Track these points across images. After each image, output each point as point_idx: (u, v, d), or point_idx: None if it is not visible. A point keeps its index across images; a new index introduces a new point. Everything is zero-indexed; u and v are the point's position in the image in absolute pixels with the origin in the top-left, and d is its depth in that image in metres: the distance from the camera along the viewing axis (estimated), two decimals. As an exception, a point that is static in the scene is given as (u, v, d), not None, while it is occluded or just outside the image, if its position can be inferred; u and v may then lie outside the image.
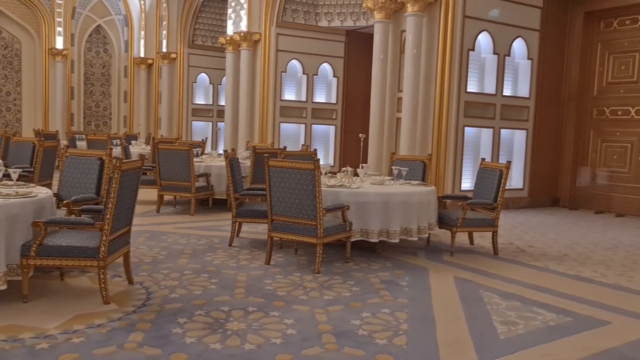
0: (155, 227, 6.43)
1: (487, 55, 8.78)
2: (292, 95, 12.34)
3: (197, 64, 15.73)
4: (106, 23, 17.49)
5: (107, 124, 17.92)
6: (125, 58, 17.75)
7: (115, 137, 11.93)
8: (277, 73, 11.99)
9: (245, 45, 12.08)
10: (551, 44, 9.32)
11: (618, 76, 9.13)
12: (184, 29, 15.54)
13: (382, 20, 8.82)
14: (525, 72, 9.19)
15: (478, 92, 8.71)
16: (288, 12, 12.03)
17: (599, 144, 9.42)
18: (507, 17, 8.72)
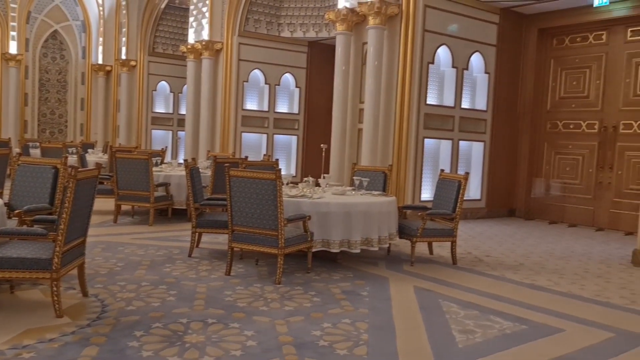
0: (112, 238, 6.27)
1: (446, 68, 8.98)
2: (254, 105, 12.30)
3: (158, 71, 15.51)
4: (63, 28, 17.06)
5: (62, 132, 17.43)
6: (83, 64, 17.34)
7: (71, 146, 11.62)
8: (239, 82, 11.94)
9: (207, 54, 12.00)
10: (507, 59, 9.61)
11: (570, 91, 9.47)
12: (144, 36, 15.31)
13: (344, 32, 8.91)
14: (482, 86, 9.43)
15: (437, 104, 8.88)
16: (250, 22, 12.02)
17: (552, 156, 9.73)
18: (465, 32, 8.95)
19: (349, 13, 8.73)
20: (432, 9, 8.43)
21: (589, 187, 9.16)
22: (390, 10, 8.33)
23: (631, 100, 8.66)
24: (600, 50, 9.08)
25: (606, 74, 8.97)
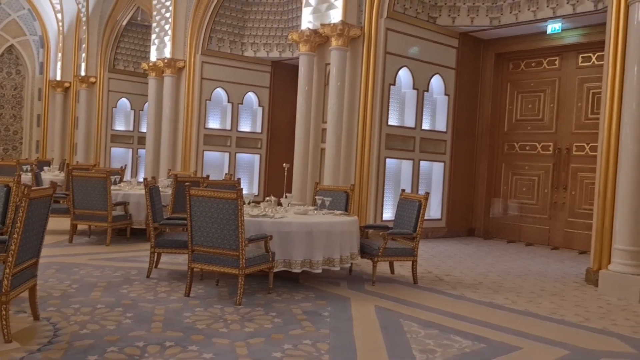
0: (67, 259, 6.08)
1: (407, 90, 9.15)
2: (216, 123, 12.23)
3: (118, 88, 15.27)
4: (20, 43, 16.66)
5: (17, 149, 16.91)
6: (40, 80, 16.94)
7: (26, 163, 11.27)
8: (201, 101, 11.87)
9: (169, 72, 11.90)
10: (466, 82, 9.86)
11: (526, 114, 9.77)
12: (104, 53, 15.08)
13: (307, 53, 8.99)
14: (442, 107, 9.64)
15: (399, 125, 9.02)
16: (214, 41, 12.01)
17: (510, 177, 9.98)
18: (426, 55, 9.16)
19: (312, 34, 8.82)
20: (393, 32, 8.60)
21: (545, 207, 9.42)
22: (353, 33, 8.47)
23: (583, 124, 8.99)
24: (553, 75, 9.43)
25: (559, 98, 9.31)
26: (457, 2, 9.17)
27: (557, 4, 8.28)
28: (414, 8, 8.89)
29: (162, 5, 12.15)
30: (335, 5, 8.58)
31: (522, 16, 8.72)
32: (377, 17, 8.43)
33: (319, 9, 8.81)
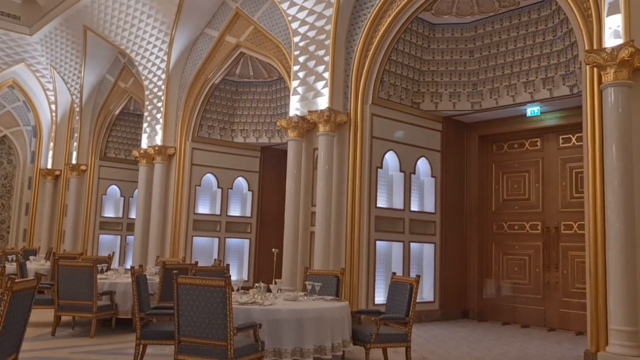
0: (49, 353, 5.84)
1: (395, 172, 9.30)
2: (206, 208, 12.26)
3: (108, 176, 15.38)
4: (13, 134, 16.93)
5: (3, 238, 16.70)
6: (31, 169, 17.05)
7: (11, 252, 11.10)
8: (191, 186, 11.96)
9: (160, 158, 12.06)
10: (452, 163, 10.06)
11: (512, 194, 9.91)
12: (96, 141, 15.32)
13: (296, 139, 9.20)
14: (430, 189, 9.76)
15: (387, 207, 9.09)
16: (204, 128, 12.29)
17: (500, 257, 9.95)
18: (411, 138, 9.40)
19: (300, 121, 9.07)
20: (378, 117, 8.88)
21: (538, 287, 9.33)
22: (339, 119, 8.72)
23: (569, 202, 9.11)
24: (536, 156, 9.66)
25: (544, 178, 9.49)
26: (439, 88, 9.55)
27: (534, 89, 8.65)
28: (397, 94, 9.23)
29: (154, 95, 12.52)
30: (322, 93, 8.90)
31: (501, 100, 9.07)
32: (362, 103, 8.72)
33: (306, 96, 9.12)
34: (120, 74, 14.54)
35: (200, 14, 11.53)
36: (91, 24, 13.40)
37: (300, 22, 9.24)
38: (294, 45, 9.35)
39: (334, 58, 8.77)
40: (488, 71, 9.21)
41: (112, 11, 12.53)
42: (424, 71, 9.52)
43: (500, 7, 8.73)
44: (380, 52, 8.67)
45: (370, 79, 8.73)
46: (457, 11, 8.95)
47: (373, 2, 8.62)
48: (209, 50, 11.64)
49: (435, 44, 9.49)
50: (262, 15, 10.44)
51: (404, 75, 9.28)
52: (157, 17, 11.78)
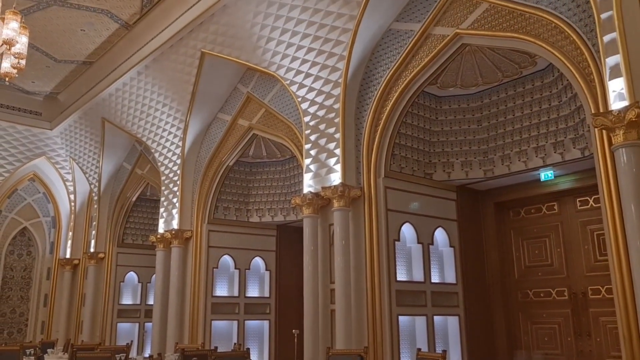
0: None
1: (412, 244, 9.20)
2: (224, 291, 12.12)
3: (126, 262, 15.40)
4: (32, 225, 17.20)
5: (22, 332, 16.55)
6: (50, 260, 17.16)
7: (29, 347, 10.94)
8: (208, 269, 11.90)
9: (177, 242, 12.09)
10: (469, 232, 9.95)
11: (534, 260, 9.70)
12: (114, 228, 15.48)
13: (311, 216, 9.21)
14: (449, 259, 9.60)
15: (408, 280, 8.92)
16: (220, 209, 12.40)
17: (529, 326, 9.59)
18: (427, 209, 9.37)
19: (314, 197, 9.12)
20: (392, 189, 8.90)
21: (571, 356, 8.91)
22: (353, 193, 8.76)
23: (594, 266, 8.88)
24: (554, 220, 9.54)
25: (565, 242, 9.31)
26: (450, 158, 9.62)
27: (545, 154, 8.68)
28: (409, 166, 9.31)
29: (170, 180, 12.76)
30: (334, 169, 9.01)
31: (514, 167, 9.09)
32: (375, 177, 8.79)
33: (319, 173, 9.23)
34: (137, 161, 14.90)
35: (213, 100, 11.95)
36: (109, 115, 13.94)
37: (310, 102, 9.52)
38: (305, 124, 9.58)
39: (344, 135, 8.94)
40: (498, 139, 9.30)
41: (129, 102, 13.06)
42: (434, 142, 9.64)
43: (503, 77, 8.94)
44: (390, 127, 8.84)
45: (382, 153, 8.85)
46: (462, 83, 9.19)
47: (379, 80, 8.89)
48: (223, 134, 11.96)
49: (443, 116, 9.67)
50: (273, 98, 10.79)
51: (414, 147, 9.40)
52: (172, 105, 12.23)
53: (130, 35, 11.80)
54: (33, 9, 10.94)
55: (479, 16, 7.71)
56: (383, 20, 8.71)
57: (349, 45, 8.76)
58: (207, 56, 10.90)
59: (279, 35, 9.51)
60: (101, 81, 13.18)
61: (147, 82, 12.36)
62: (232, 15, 9.84)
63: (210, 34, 10.44)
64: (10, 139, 15.59)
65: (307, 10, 8.98)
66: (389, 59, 8.79)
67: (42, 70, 13.72)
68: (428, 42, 8.33)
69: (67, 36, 12.06)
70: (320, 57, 9.21)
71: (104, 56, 12.81)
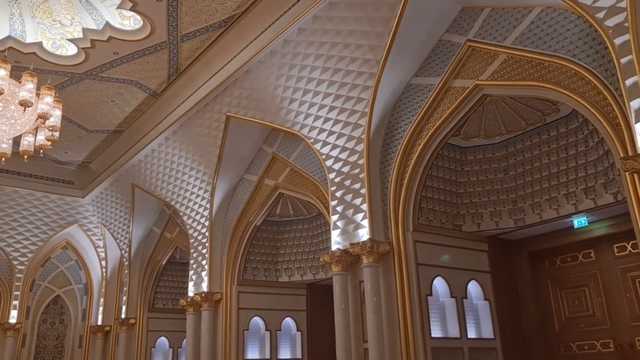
0: None
1: (445, 298, 8.95)
2: (255, 353, 11.88)
3: (157, 327, 15.31)
4: (65, 293, 17.35)
5: (53, 402, 16.40)
6: (82, 327, 17.18)
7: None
8: (239, 331, 11.72)
9: (207, 305, 12.00)
10: (504, 284, 9.65)
11: (574, 311, 9.32)
12: (144, 293, 15.50)
13: (340, 273, 9.08)
14: (485, 313, 9.28)
15: (443, 336, 8.63)
16: (249, 270, 12.35)
17: (575, 382, 9.12)
18: (458, 261, 9.16)
19: (342, 254, 9.02)
20: (421, 243, 8.76)
21: (624, 414, 8.39)
22: (382, 248, 8.65)
23: (639, 315, 8.48)
24: (592, 268, 9.22)
25: (605, 291, 8.95)
26: (479, 208, 9.49)
27: (577, 200, 8.50)
28: (437, 219, 9.20)
29: (198, 242, 12.83)
30: (362, 224, 8.94)
31: (545, 215, 8.89)
32: (403, 231, 8.68)
33: (347, 230, 9.17)
34: (166, 225, 15.08)
35: (239, 162, 12.15)
36: (138, 181, 14.25)
37: (334, 159, 9.60)
38: (330, 181, 9.63)
39: (369, 190, 8.93)
40: (526, 187, 9.16)
41: (158, 167, 13.37)
42: (461, 193, 9.55)
43: (527, 125, 8.92)
44: (415, 180, 8.81)
45: (408, 207, 8.78)
46: (485, 133, 9.18)
47: (402, 134, 8.94)
48: (249, 194, 12.07)
49: (468, 166, 9.62)
50: (297, 157, 10.92)
51: (441, 199, 9.32)
52: (199, 168, 12.47)
53: (158, 103, 12.23)
54: (66, 84, 11.47)
55: (498, 67, 7.79)
56: (402, 76, 8.86)
57: (370, 102, 8.89)
58: (232, 119, 11.19)
59: (301, 95, 9.73)
60: (131, 148, 13.58)
61: (174, 147, 12.68)
62: (255, 79, 10.15)
63: (235, 98, 10.76)
64: (44, 208, 15.99)
65: (327, 70, 9.21)
66: (411, 113, 8.87)
67: (74, 141, 14.22)
68: (449, 94, 8.42)
69: (98, 107, 12.55)
70: (343, 115, 9.36)
71: (133, 124, 13.25)
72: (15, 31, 9.86)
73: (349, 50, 8.82)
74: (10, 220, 15.76)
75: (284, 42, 9.20)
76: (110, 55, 10.57)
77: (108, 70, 11.06)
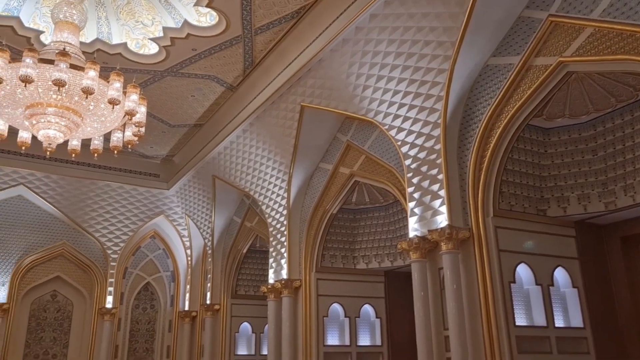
0: None
1: (530, 286, 8.63)
2: (335, 339, 12.03)
3: (240, 313, 15.86)
4: (155, 280, 18.37)
5: (148, 383, 17.44)
6: (171, 312, 18.12)
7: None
8: (319, 318, 11.90)
9: (287, 292, 12.27)
10: (594, 271, 9.17)
11: (674, 299, 8.71)
12: (227, 280, 16.08)
13: (419, 260, 8.98)
14: (573, 301, 8.87)
15: (528, 324, 8.34)
16: (327, 258, 12.48)
17: (676, 375, 8.54)
18: (543, 247, 8.80)
19: (420, 241, 8.92)
20: (503, 229, 8.48)
21: None
22: (462, 235, 8.46)
23: None
24: (694, 253, 8.57)
25: None
26: (564, 192, 9.05)
27: (675, 181, 7.90)
28: (520, 204, 8.87)
29: (277, 230, 13.12)
30: (440, 211, 8.79)
31: (639, 197, 8.34)
32: (483, 217, 8.44)
33: (424, 216, 9.04)
34: (245, 214, 15.53)
35: (314, 151, 12.27)
36: (218, 172, 14.76)
37: (410, 145, 9.47)
38: (406, 167, 9.51)
39: (447, 175, 8.75)
40: (617, 168, 8.62)
41: (236, 159, 13.78)
42: (545, 176, 9.14)
43: (617, 102, 8.37)
44: (495, 164, 8.52)
45: (488, 191, 8.52)
46: (571, 113, 8.71)
47: (480, 117, 8.67)
48: (325, 183, 12.16)
49: (552, 148, 9.18)
50: (372, 144, 10.86)
51: (523, 183, 8.96)
52: (276, 158, 12.72)
53: (235, 96, 12.56)
54: (149, 81, 12.03)
55: (584, 42, 7.35)
56: (479, 57, 8.57)
57: (445, 85, 8.68)
58: (306, 109, 11.30)
59: (375, 82, 9.66)
60: (210, 141, 14.07)
61: (252, 138, 13.00)
62: (328, 68, 10.17)
63: (309, 88, 10.85)
64: (133, 200, 16.94)
65: (400, 55, 9.07)
66: (489, 95, 8.58)
67: (158, 136, 14.91)
68: (529, 73, 8.05)
69: (179, 102, 13.08)
70: (418, 100, 9.20)
71: (212, 118, 13.71)
72: (102, 33, 10.45)
73: (422, 33, 8.63)
74: (104, 212, 16.82)
75: (356, 29, 9.15)
76: (189, 52, 10.96)
77: (187, 66, 11.49)
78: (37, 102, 7.96)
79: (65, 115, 8.08)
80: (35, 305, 16.68)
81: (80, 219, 16.63)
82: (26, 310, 16.50)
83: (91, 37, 10.45)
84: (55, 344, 16.54)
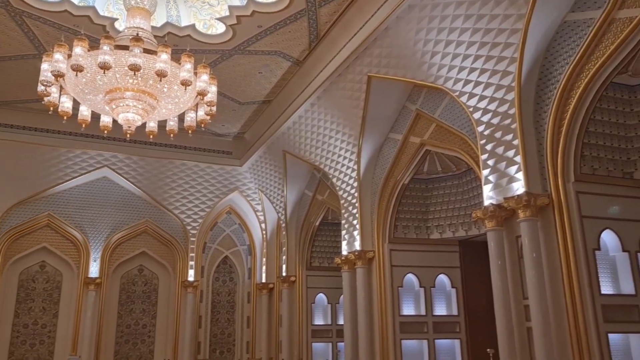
0: None
1: (617, 253, 8.23)
2: (410, 309, 12.05)
3: (315, 285, 16.16)
4: (232, 253, 19.04)
5: (230, 351, 18.25)
6: (249, 285, 18.78)
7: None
8: (393, 288, 11.93)
9: (360, 263, 12.37)
10: (688, 236, 8.61)
11: None
12: (301, 253, 16.40)
13: (495, 229, 8.76)
14: (665, 268, 8.39)
15: (615, 293, 7.98)
16: (399, 228, 12.43)
17: None
18: (630, 212, 8.33)
19: (496, 209, 8.68)
20: (585, 194, 8.10)
21: None
22: (540, 202, 8.15)
23: None
24: None
25: None
26: (653, 153, 8.49)
27: None
28: (604, 167, 8.41)
29: (348, 203, 13.18)
30: (516, 177, 8.49)
31: None
32: (563, 182, 8.09)
33: (500, 184, 8.78)
34: (317, 188, 15.68)
35: (383, 121, 12.13)
36: (289, 147, 14.94)
37: (482, 111, 9.16)
38: (479, 134, 9.23)
39: (523, 140, 8.41)
40: None
41: (305, 133, 13.87)
42: (631, 137, 8.60)
43: None
44: (575, 126, 8.10)
45: (569, 156, 8.13)
46: (659, 67, 8.11)
47: (558, 77, 8.23)
48: (395, 153, 12.03)
49: (639, 106, 8.59)
50: (443, 112, 10.60)
51: (607, 145, 8.48)
52: (345, 131, 12.70)
53: (302, 71, 12.58)
54: (218, 61, 12.27)
55: (673, -11, 6.77)
56: (556, 13, 8.09)
57: (519, 46, 8.28)
58: (373, 79, 11.16)
59: (444, 47, 9.37)
60: (279, 117, 14.23)
61: (319, 112, 13.03)
62: (394, 36, 9.96)
63: (375, 58, 10.69)
64: (208, 177, 17.52)
65: (470, 18, 8.73)
66: (568, 54, 8.11)
67: (229, 114, 15.25)
68: (612, 27, 7.52)
69: (247, 80, 13.28)
70: (489, 63, 8.85)
71: (280, 93, 13.83)
72: (172, 17, 10.73)
73: (493, -8, 8.25)
74: (182, 190, 17.52)
75: (422, -7, 8.88)
76: (255, 29, 11.05)
77: (254, 44, 11.61)
78: (115, 87, 8.34)
79: (142, 99, 8.42)
80: (125, 279, 17.79)
81: (160, 197, 17.43)
82: (117, 284, 17.64)
83: (161, 21, 10.76)
84: (144, 315, 17.62)
